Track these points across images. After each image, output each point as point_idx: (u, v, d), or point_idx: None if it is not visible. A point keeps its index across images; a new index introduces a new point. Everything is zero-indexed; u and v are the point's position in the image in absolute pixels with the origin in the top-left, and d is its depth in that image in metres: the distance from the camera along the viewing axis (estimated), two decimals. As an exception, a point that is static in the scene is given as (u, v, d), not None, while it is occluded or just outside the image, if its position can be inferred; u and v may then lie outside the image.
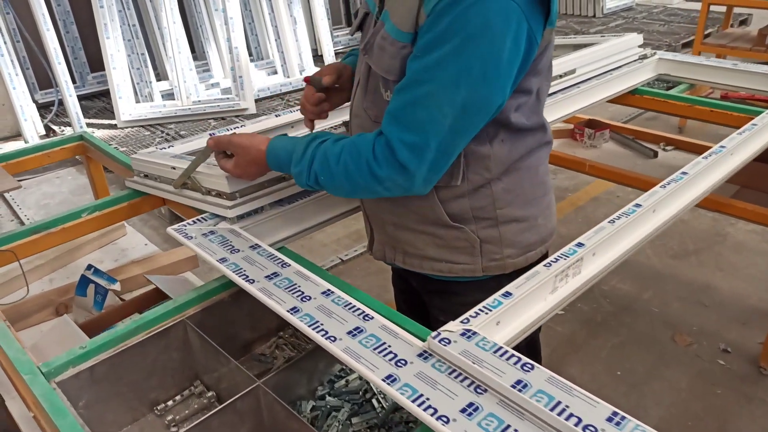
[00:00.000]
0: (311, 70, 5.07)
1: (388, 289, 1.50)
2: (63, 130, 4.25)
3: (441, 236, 1.09)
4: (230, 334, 1.14)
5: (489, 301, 0.90)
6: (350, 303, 0.92)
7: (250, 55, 5.07)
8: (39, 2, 3.75)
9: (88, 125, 4.24)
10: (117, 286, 1.44)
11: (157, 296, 1.40)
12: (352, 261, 3.00)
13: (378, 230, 1.19)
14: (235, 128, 1.49)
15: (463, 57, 0.87)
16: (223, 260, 1.05)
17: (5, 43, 3.84)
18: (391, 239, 1.17)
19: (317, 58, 5.30)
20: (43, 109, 4.59)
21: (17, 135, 4.21)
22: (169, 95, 4.55)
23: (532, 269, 0.97)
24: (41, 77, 4.59)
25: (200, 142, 1.52)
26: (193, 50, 4.85)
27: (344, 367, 1.11)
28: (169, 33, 4.25)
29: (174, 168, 1.29)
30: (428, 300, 1.26)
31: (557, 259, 0.98)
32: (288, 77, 4.94)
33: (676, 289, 2.64)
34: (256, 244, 1.09)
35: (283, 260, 1.04)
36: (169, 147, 1.47)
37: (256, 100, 4.52)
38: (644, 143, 2.48)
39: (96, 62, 4.78)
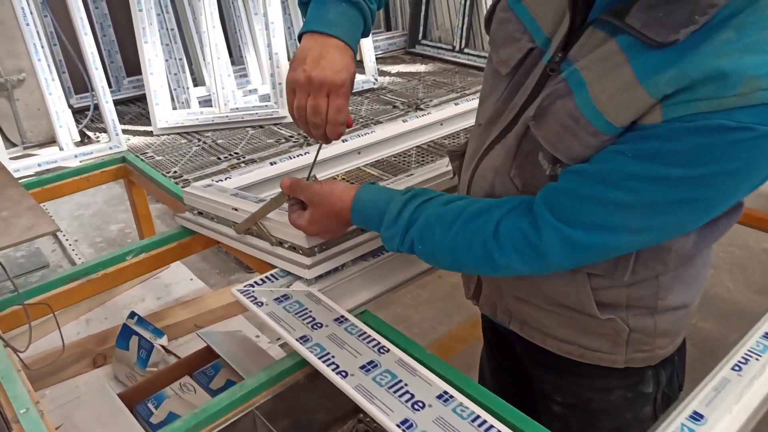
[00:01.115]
0: (351, 76, 4.87)
1: (443, 322, 1.29)
2: (98, 136, 4.13)
3: (579, 321, 0.87)
4: (303, 422, 0.94)
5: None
6: (476, 414, 0.71)
7: (289, 60, 4.89)
8: (78, 5, 3.63)
9: (124, 131, 4.10)
10: (164, 341, 1.25)
11: (210, 355, 1.20)
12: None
13: (490, 287, 0.98)
14: (226, 178, 1.29)
15: (700, 189, 0.65)
16: (304, 339, 0.84)
17: (42, 47, 3.72)
18: (508, 305, 0.96)
19: (357, 63, 5.11)
20: (78, 113, 4.47)
21: (52, 141, 4.09)
22: (206, 101, 4.40)
23: (719, 376, 0.75)
24: (77, 81, 4.48)
25: (260, 172, 1.32)
26: (230, 54, 4.69)
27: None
28: (208, 38, 4.09)
29: (236, 210, 1.09)
30: (537, 372, 1.04)
31: (746, 360, 0.75)
32: (328, 84, 4.75)
33: (766, 331, 2.37)
34: (342, 317, 0.89)
35: (379, 342, 0.84)
36: (225, 179, 1.28)
37: (295, 108, 4.34)
38: None
39: (132, 66, 4.66)
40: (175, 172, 3.57)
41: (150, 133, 4.17)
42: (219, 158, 3.73)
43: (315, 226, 0.90)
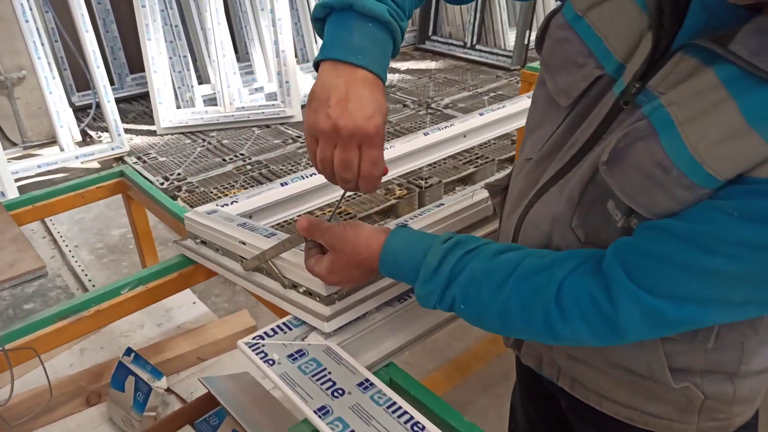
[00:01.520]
0: (360, 73, 4.74)
1: (460, 338, 1.16)
2: (100, 136, 4.01)
3: (646, 386, 0.75)
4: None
5: None
6: None
7: (296, 57, 4.76)
8: (79, 2, 3.50)
9: (127, 131, 3.98)
10: (163, 383, 1.13)
11: (213, 400, 1.08)
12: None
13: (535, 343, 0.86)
14: (233, 202, 1.15)
15: None
16: (324, 412, 0.72)
17: (43, 45, 3.60)
18: (557, 360, 0.83)
19: (367, 61, 4.96)
20: (80, 111, 4.36)
21: (53, 140, 3.97)
22: (210, 100, 4.27)
23: None
24: (79, 78, 4.36)
25: (270, 195, 1.19)
26: (236, 51, 4.56)
27: None
28: (214, 35, 3.96)
29: (244, 244, 0.97)
30: (582, 429, 0.92)
31: None
32: (336, 82, 4.61)
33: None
34: (367, 381, 0.76)
35: (412, 417, 0.71)
36: (232, 203, 1.15)
37: (302, 106, 4.22)
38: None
39: (136, 63, 4.53)
40: (179, 174, 3.45)
41: (153, 133, 4.05)
42: (224, 159, 3.61)
43: (336, 276, 0.77)
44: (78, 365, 1.36)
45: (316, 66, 0.68)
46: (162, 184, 3.32)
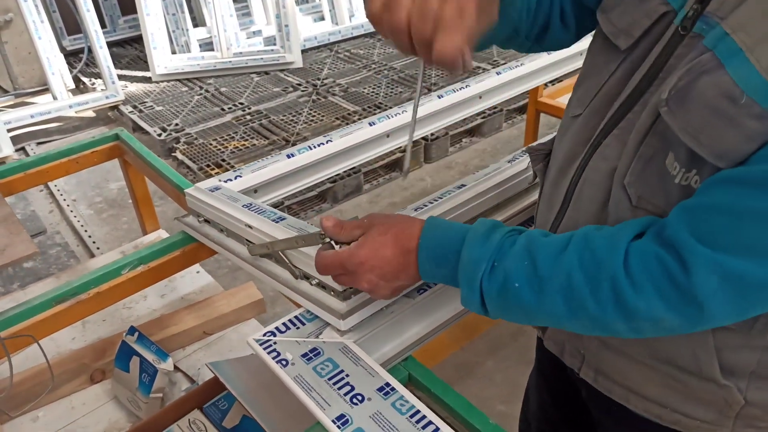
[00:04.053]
0: (362, 15, 4.54)
1: None
2: (93, 83, 3.87)
3: (683, 382, 0.70)
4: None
5: None
6: None
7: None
8: (63, -62, 3.30)
9: (120, 77, 3.84)
10: (169, 364, 1.09)
11: (221, 384, 1.04)
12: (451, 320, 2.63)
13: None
14: (237, 177, 1.06)
15: None
16: (343, 422, 0.67)
17: (28, -15, 3.42)
18: (582, 347, 0.78)
19: None
20: (71, 56, 4.20)
21: (45, 87, 3.83)
22: (207, 44, 4.10)
23: None
24: (69, 21, 4.18)
25: (276, 167, 1.12)
26: (232, -9, 4.34)
27: None
28: (208, -26, 3.76)
29: (251, 228, 0.90)
30: (607, 425, 0.88)
31: None
32: (337, 24, 4.42)
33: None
34: (388, 386, 0.71)
35: (438, 427, 0.66)
36: (235, 178, 1.08)
37: (302, 51, 4.05)
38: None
39: (127, 4, 4.33)
40: (177, 125, 3.34)
41: (148, 80, 3.91)
42: (223, 109, 3.49)
43: (364, 250, 0.67)
44: (80, 339, 1.32)
45: None
46: (159, 135, 3.22)
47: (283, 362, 0.75)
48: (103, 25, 3.99)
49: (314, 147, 1.17)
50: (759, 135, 0.50)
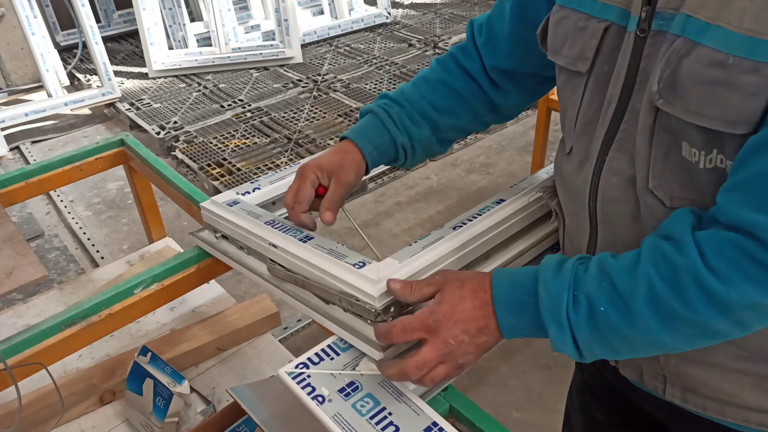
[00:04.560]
0: (361, 8, 4.47)
1: None
2: (89, 79, 3.78)
3: None
4: None
5: None
6: None
7: (294, -9, 4.46)
8: (56, -70, 3.20)
9: (116, 73, 3.76)
10: (185, 387, 1.03)
11: (241, 409, 0.99)
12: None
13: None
14: (255, 189, 1.02)
15: None
16: (389, 469, 0.62)
17: (20, -21, 3.32)
18: (664, 368, 0.73)
19: (368, -5, 4.66)
20: (65, 52, 4.11)
21: (39, 84, 3.74)
22: (204, 39, 4.02)
23: None
24: (63, 16, 4.09)
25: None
26: (229, -15, 4.26)
27: None
28: (206, -32, 3.68)
29: (275, 247, 0.84)
30: None
31: None
32: (336, 18, 4.35)
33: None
34: (435, 425, 0.66)
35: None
36: (254, 190, 1.01)
37: (302, 46, 3.98)
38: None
39: (122, -2, 4.25)
40: (176, 122, 3.27)
41: (145, 76, 3.83)
42: (222, 106, 3.42)
43: (444, 306, 0.64)
44: (87, 356, 1.26)
45: None
46: (158, 133, 3.15)
47: (320, 399, 0.69)
48: (97, 20, 3.90)
49: (334, 155, 1.10)
50: (760, 87, 0.51)
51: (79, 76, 3.86)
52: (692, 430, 0.78)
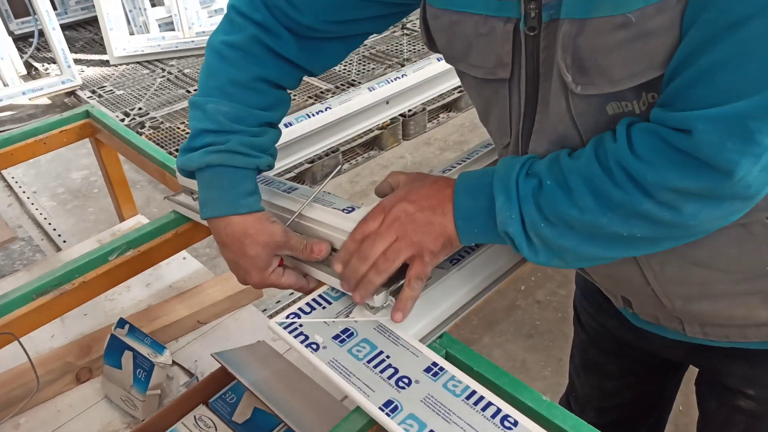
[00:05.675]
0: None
1: None
2: (47, 68, 3.65)
3: None
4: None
5: None
6: None
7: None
8: None
9: (76, 62, 3.63)
10: (167, 358, 0.99)
11: (226, 376, 0.95)
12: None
13: (646, 299, 0.75)
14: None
15: None
16: (392, 408, 0.59)
17: (-32, -37, 3.18)
18: (676, 311, 0.74)
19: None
20: (21, 41, 3.95)
21: (-7, 74, 3.59)
22: (167, 24, 3.92)
23: None
24: (15, 3, 3.93)
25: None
26: (190, -31, 4.14)
27: None
28: (165, -51, 3.57)
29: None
30: (715, 366, 0.82)
31: None
32: (302, 1, 4.27)
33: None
34: (436, 366, 0.64)
35: (500, 410, 0.59)
36: (231, 149, 0.97)
37: (268, 30, 3.90)
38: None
39: (78, -16, 4.10)
40: (140, 108, 3.17)
41: (106, 63, 3.71)
42: (188, 91, 3.33)
43: (408, 204, 0.66)
44: (60, 335, 1.20)
45: None
46: (122, 120, 3.05)
47: (313, 346, 0.66)
48: (53, 8, 3.76)
49: (312, 115, 1.07)
50: (671, 20, 0.50)
51: (37, 65, 3.73)
52: (709, 360, 0.79)
